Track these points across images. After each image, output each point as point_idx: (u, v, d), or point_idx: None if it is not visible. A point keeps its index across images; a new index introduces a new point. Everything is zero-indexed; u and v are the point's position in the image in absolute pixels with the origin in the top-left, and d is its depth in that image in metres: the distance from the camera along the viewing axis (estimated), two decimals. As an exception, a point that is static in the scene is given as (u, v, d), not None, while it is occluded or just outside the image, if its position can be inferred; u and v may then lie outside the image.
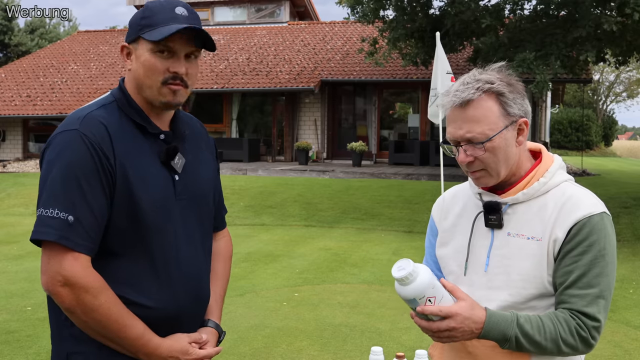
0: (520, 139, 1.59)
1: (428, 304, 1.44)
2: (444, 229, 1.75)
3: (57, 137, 1.55)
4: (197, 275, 1.69)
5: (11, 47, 33.17)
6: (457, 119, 1.57)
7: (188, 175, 1.67)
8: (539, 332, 1.47)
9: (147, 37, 1.56)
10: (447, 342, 1.48)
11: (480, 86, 1.56)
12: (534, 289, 1.55)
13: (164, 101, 1.60)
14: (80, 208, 1.49)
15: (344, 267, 7.23)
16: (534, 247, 1.55)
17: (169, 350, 1.59)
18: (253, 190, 12.94)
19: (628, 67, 32.95)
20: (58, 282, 1.48)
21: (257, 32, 22.58)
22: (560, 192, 1.59)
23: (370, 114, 18.93)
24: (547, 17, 11.07)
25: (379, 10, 12.11)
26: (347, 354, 4.53)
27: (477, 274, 1.63)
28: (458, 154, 1.59)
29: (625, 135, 76.84)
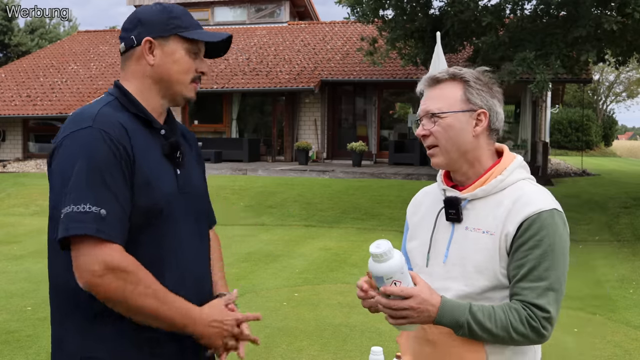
0: (477, 129, 1.68)
1: (392, 285, 1.53)
2: (413, 224, 1.87)
3: (74, 135, 1.56)
4: (201, 266, 1.76)
5: (11, 47, 33.17)
6: (425, 97, 1.72)
7: (187, 170, 1.74)
8: (490, 319, 1.54)
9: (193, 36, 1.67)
10: (402, 322, 1.55)
11: (450, 70, 1.71)
12: (487, 281, 1.62)
13: (188, 96, 1.72)
14: (109, 201, 1.51)
15: (344, 267, 7.23)
16: (488, 241, 1.63)
17: (209, 316, 1.63)
18: (253, 190, 12.94)
19: (628, 67, 32.94)
20: (97, 273, 1.48)
21: (257, 32, 22.57)
22: (516, 189, 1.66)
23: (370, 114, 18.93)
24: (547, 16, 11.07)
25: (379, 10, 12.10)
26: (347, 354, 4.53)
27: (437, 265, 1.72)
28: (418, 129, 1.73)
29: (625, 135, 76.83)
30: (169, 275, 1.63)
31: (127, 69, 1.70)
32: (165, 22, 1.66)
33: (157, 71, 1.67)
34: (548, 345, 5.19)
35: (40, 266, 7.19)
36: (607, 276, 6.92)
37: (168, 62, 1.66)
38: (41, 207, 11.86)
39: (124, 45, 1.69)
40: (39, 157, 20.12)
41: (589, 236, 9.05)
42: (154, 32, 1.65)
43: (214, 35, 1.72)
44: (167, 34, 1.66)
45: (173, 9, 1.69)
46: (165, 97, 1.71)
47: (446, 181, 1.79)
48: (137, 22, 1.67)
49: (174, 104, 1.74)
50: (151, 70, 1.67)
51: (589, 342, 4.81)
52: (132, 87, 1.68)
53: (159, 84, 1.68)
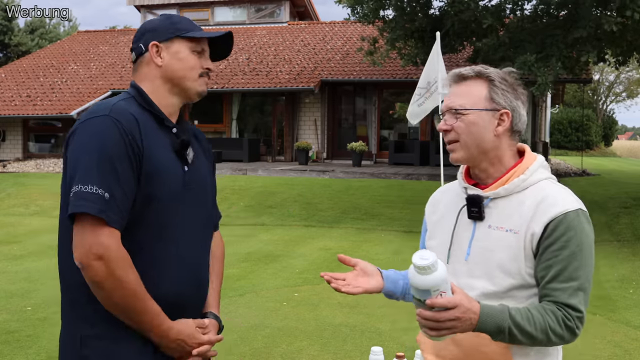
0: (499, 128, 1.69)
1: (439, 297, 1.47)
2: (432, 223, 1.87)
3: (89, 121, 1.67)
4: (198, 263, 1.82)
5: (11, 47, 33.16)
6: (450, 93, 1.73)
7: (195, 168, 1.82)
8: (529, 322, 1.53)
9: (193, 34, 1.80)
10: (446, 333, 1.50)
11: (476, 68, 1.72)
12: (513, 279, 1.63)
13: (199, 90, 1.83)
14: (115, 186, 1.60)
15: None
16: (512, 240, 1.63)
17: (177, 334, 1.71)
18: (253, 190, 12.95)
19: (628, 67, 32.94)
20: (93, 255, 1.57)
21: (257, 32, 22.57)
22: (538, 189, 1.67)
23: (370, 114, 18.93)
24: (547, 17, 11.07)
25: (379, 10, 12.10)
26: (347, 354, 4.53)
27: (459, 262, 1.72)
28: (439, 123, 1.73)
29: (625, 135, 76.84)
30: (167, 266, 1.71)
31: (138, 74, 1.83)
32: (168, 27, 1.82)
33: (166, 71, 1.80)
34: (548, 345, 5.17)
35: (40, 266, 7.19)
36: (607, 276, 6.92)
37: (174, 62, 1.80)
38: (41, 207, 11.86)
39: (135, 54, 1.83)
40: (39, 157, 20.12)
41: (589, 236, 9.02)
42: (159, 37, 1.81)
43: (213, 33, 1.85)
44: (171, 37, 1.80)
45: (174, 16, 1.86)
46: (176, 94, 1.82)
47: (467, 179, 1.79)
48: (144, 32, 1.84)
49: (187, 100, 1.85)
50: (160, 71, 1.80)
51: (589, 342, 4.81)
52: (145, 88, 1.80)
53: (169, 83, 1.80)
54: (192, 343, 1.73)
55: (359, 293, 1.74)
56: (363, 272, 1.79)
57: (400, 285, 1.85)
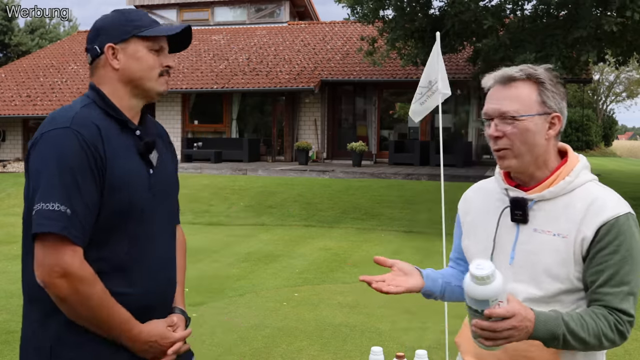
0: (550, 132, 1.65)
1: (497, 307, 1.44)
2: (469, 222, 1.83)
3: (49, 134, 1.62)
4: (169, 264, 1.83)
5: (11, 47, 33.16)
6: (497, 96, 1.65)
7: (160, 170, 1.80)
8: (583, 328, 1.52)
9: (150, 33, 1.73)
10: (502, 343, 1.47)
11: (525, 69, 1.65)
12: (561, 284, 1.60)
13: (159, 90, 1.77)
14: (76, 201, 1.57)
15: (344, 267, 7.22)
16: (560, 244, 1.60)
17: (149, 336, 1.71)
18: (253, 190, 12.94)
19: (628, 67, 32.93)
20: (56, 274, 1.55)
21: (257, 32, 22.57)
22: (586, 192, 1.64)
23: (370, 114, 18.93)
24: (547, 17, 11.07)
25: (379, 11, 12.11)
26: (347, 354, 4.53)
27: (502, 267, 1.66)
28: (490, 129, 1.65)
29: (625, 135, 76.85)
30: (139, 274, 1.71)
31: (97, 76, 1.76)
32: (122, 26, 1.73)
33: (124, 74, 1.73)
34: (548, 345, 5.13)
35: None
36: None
37: (132, 63, 1.73)
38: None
39: (90, 56, 1.76)
40: (39, 157, 20.11)
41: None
42: (114, 37, 1.73)
43: (171, 29, 1.78)
44: (127, 37, 1.73)
45: (128, 12, 1.77)
46: (136, 96, 1.77)
47: (507, 180, 1.74)
48: (97, 32, 1.75)
49: (148, 101, 1.80)
50: (118, 74, 1.73)
51: (588, 342, 4.81)
52: (105, 91, 1.74)
53: (128, 85, 1.74)
54: (164, 343, 1.74)
55: (401, 292, 1.71)
56: (401, 271, 1.76)
57: (440, 284, 1.82)
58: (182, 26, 1.79)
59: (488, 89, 1.70)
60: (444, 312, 4.48)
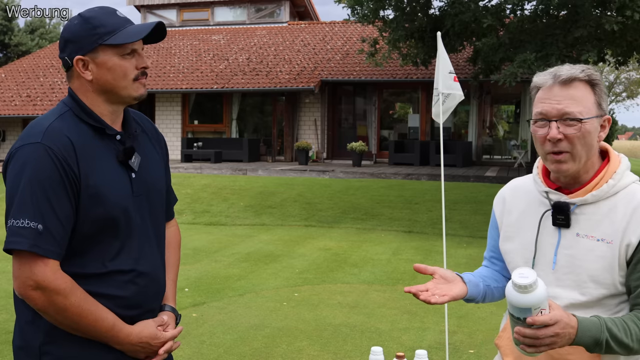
0: (601, 134, 1.62)
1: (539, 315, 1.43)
2: (508, 224, 1.78)
3: (21, 150, 1.61)
4: (156, 266, 1.81)
5: (11, 47, 33.16)
6: (556, 95, 1.58)
7: (143, 172, 1.78)
8: (626, 334, 1.50)
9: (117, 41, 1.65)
10: (545, 349, 1.46)
11: (586, 70, 1.60)
12: (605, 290, 1.58)
13: (136, 95, 1.73)
14: (48, 217, 1.57)
15: (344, 267, 7.22)
16: (605, 249, 1.57)
17: (139, 337, 1.71)
18: (253, 190, 12.94)
19: (628, 67, 32.93)
20: (29, 287, 1.58)
21: (257, 32, 22.57)
22: (630, 195, 1.60)
23: (370, 114, 18.93)
24: (547, 17, 11.07)
25: (379, 11, 12.11)
26: (347, 354, 4.53)
27: (544, 271, 1.64)
28: (548, 130, 1.58)
29: (625, 135, 76.89)
30: (124, 280, 1.71)
31: (72, 84, 1.73)
32: (88, 35, 1.66)
33: (97, 84, 1.69)
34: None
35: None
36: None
37: (104, 73, 1.68)
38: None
39: (64, 67, 1.73)
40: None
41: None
42: (82, 49, 1.67)
43: (139, 32, 1.69)
44: (93, 47, 1.66)
45: (92, 18, 1.68)
46: (114, 103, 1.73)
47: (547, 182, 1.69)
48: (65, 43, 1.70)
49: (126, 105, 1.77)
50: (92, 85, 1.70)
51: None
52: (82, 99, 1.72)
53: (103, 95, 1.71)
54: (155, 343, 1.74)
55: (447, 301, 1.65)
56: (443, 279, 1.70)
57: (481, 289, 1.78)
58: (150, 25, 1.71)
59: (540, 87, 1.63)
60: (444, 312, 4.48)
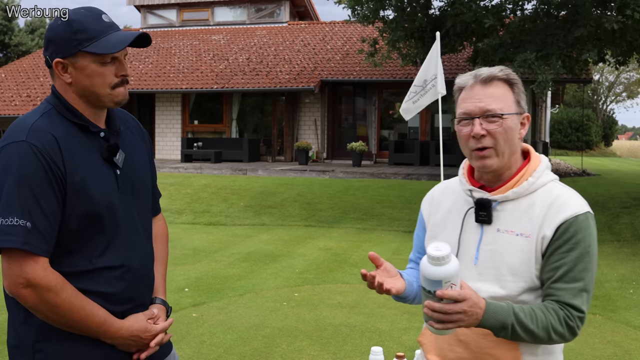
0: (522, 131, 1.71)
1: (449, 289, 1.49)
2: (433, 224, 1.84)
3: (6, 149, 1.61)
4: (145, 261, 1.83)
5: (11, 47, 33.17)
6: (477, 94, 1.67)
7: (128, 169, 1.80)
8: (532, 320, 1.55)
9: (96, 50, 1.64)
10: (451, 326, 1.51)
11: (504, 69, 1.70)
12: (524, 283, 1.64)
13: (117, 101, 1.73)
14: (36, 214, 1.58)
15: (344, 267, 7.22)
16: (523, 243, 1.64)
17: (130, 331, 1.74)
18: (253, 190, 12.94)
19: (628, 67, 32.94)
20: (20, 285, 1.58)
21: (257, 32, 22.57)
22: (547, 192, 1.68)
23: (370, 114, 18.94)
24: (547, 17, 11.07)
25: (379, 11, 12.10)
26: (347, 354, 4.53)
27: (466, 267, 1.70)
28: (472, 128, 1.65)
29: (625, 135, 76.91)
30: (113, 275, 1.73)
31: (55, 84, 1.74)
32: (69, 39, 1.65)
33: (76, 87, 1.70)
34: (548, 345, 5.11)
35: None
36: (607, 276, 6.92)
37: (83, 78, 1.68)
38: None
39: (47, 65, 1.73)
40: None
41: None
42: (62, 51, 1.66)
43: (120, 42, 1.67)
44: (74, 51, 1.65)
45: (75, 22, 1.66)
46: (94, 106, 1.73)
47: (471, 181, 1.76)
48: (48, 42, 1.69)
49: (107, 108, 1.77)
50: (72, 87, 1.70)
51: (589, 342, 4.81)
52: (65, 97, 1.72)
53: (83, 97, 1.71)
54: (147, 336, 1.77)
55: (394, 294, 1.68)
56: (387, 272, 1.74)
57: (415, 289, 1.81)
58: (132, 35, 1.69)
59: (463, 88, 1.71)
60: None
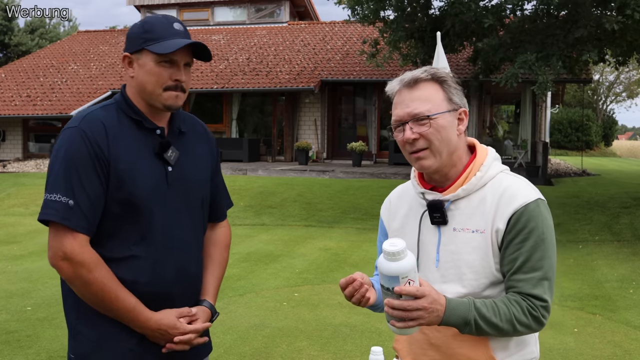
0: (460, 127, 1.68)
1: (407, 285, 1.48)
2: (393, 229, 1.83)
3: (62, 133, 1.79)
4: (186, 256, 1.88)
5: (11, 47, 33.16)
6: (404, 99, 1.67)
7: (181, 168, 1.87)
8: (495, 314, 1.55)
9: (154, 49, 1.77)
10: (413, 325, 1.49)
11: (427, 70, 1.69)
12: (485, 279, 1.63)
13: (166, 104, 1.82)
14: (79, 194, 1.71)
15: (344, 267, 7.22)
16: (479, 240, 1.63)
17: (158, 324, 1.79)
18: (253, 190, 12.94)
19: (628, 67, 32.94)
20: (59, 257, 1.70)
21: (257, 32, 22.57)
22: (496, 184, 1.66)
23: (370, 114, 18.94)
24: (547, 17, 11.07)
25: (379, 11, 12.10)
26: (347, 354, 4.53)
27: (429, 270, 1.70)
28: (404, 134, 1.65)
29: (625, 135, 76.91)
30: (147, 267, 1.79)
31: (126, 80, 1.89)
32: (138, 37, 1.81)
33: (137, 82, 1.82)
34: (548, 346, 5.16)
35: (40, 266, 7.18)
36: (607, 276, 6.92)
37: (143, 74, 1.81)
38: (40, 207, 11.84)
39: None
40: (38, 157, 20.12)
41: (589, 236, 9.04)
42: (131, 47, 1.82)
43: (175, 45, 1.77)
44: (139, 48, 1.80)
45: (148, 23, 1.82)
46: (149, 104, 1.84)
47: (422, 183, 1.75)
48: (126, 39, 1.86)
49: (159, 110, 1.85)
50: (133, 82, 1.84)
51: (589, 342, 4.81)
52: (129, 93, 1.86)
53: (141, 94, 1.83)
54: (174, 332, 1.81)
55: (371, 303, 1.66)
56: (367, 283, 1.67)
57: None
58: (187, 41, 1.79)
59: (393, 94, 1.71)
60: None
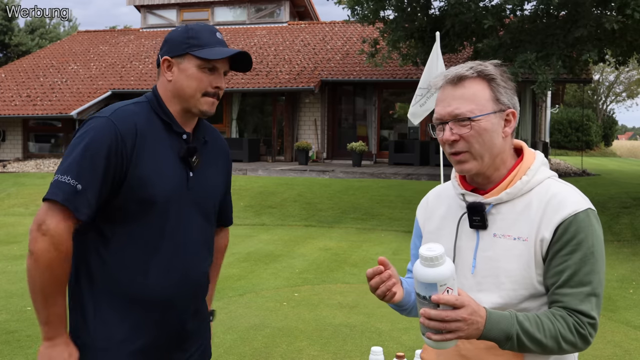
0: (506, 129, 1.58)
1: (446, 293, 1.37)
2: (428, 231, 1.73)
3: (90, 121, 1.78)
4: (194, 264, 1.88)
5: (11, 47, 33.16)
6: (447, 97, 1.57)
7: (202, 175, 1.89)
8: (539, 329, 1.44)
9: (200, 55, 1.79)
10: (451, 337, 1.39)
11: (474, 67, 1.57)
12: (524, 290, 1.53)
13: (202, 110, 1.84)
14: (90, 181, 1.70)
15: (344, 267, 7.22)
16: (521, 248, 1.53)
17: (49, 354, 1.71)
18: (253, 190, 12.94)
19: (628, 67, 32.94)
20: (42, 230, 1.67)
21: (257, 32, 22.57)
22: (544, 190, 1.56)
23: (370, 114, 18.93)
24: (547, 17, 11.07)
25: (379, 11, 12.10)
26: (347, 354, 4.53)
27: (464, 276, 1.60)
28: (443, 133, 1.56)
29: (625, 135, 76.90)
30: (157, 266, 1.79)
31: (159, 81, 1.89)
32: (182, 41, 1.82)
33: (174, 86, 1.83)
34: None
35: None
36: (607, 276, 6.92)
37: (182, 79, 1.82)
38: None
39: (157, 64, 1.90)
40: (38, 157, 20.11)
41: (589, 236, 9.01)
42: (173, 51, 1.83)
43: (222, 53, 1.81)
44: (182, 53, 1.81)
45: (192, 30, 1.84)
46: (183, 108, 1.85)
47: (463, 184, 1.65)
48: (165, 42, 1.87)
49: (193, 115, 1.87)
50: (170, 85, 1.84)
51: (589, 342, 4.80)
52: (162, 95, 1.87)
53: (177, 97, 1.84)
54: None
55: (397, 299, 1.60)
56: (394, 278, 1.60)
57: (413, 298, 1.69)
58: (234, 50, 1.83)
59: (437, 90, 1.61)
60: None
